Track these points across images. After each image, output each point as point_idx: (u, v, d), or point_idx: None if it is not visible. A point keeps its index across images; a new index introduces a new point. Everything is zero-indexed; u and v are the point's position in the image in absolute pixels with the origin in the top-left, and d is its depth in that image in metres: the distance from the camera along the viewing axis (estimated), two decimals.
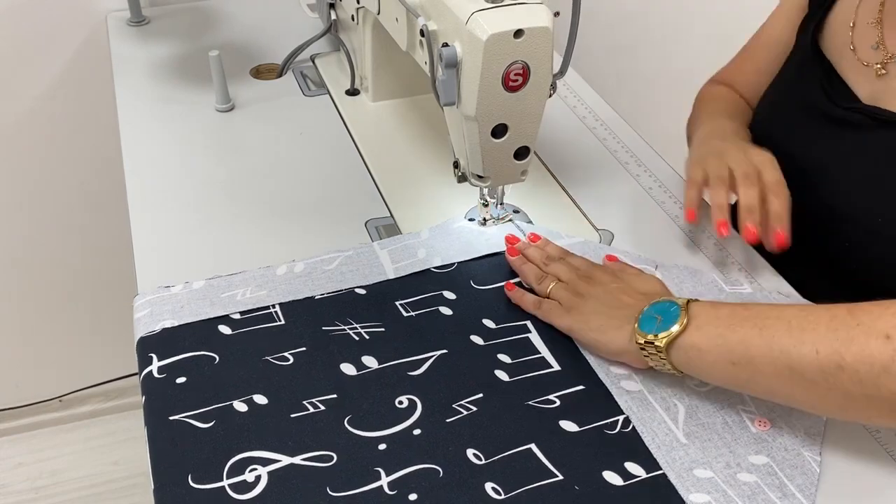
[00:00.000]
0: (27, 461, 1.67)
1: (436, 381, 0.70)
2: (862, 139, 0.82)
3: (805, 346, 0.61)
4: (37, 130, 1.41)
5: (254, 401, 0.68)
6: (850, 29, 0.87)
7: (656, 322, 0.68)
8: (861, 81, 0.85)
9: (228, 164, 0.98)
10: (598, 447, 0.65)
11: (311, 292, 0.78)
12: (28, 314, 1.62)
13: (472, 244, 0.86)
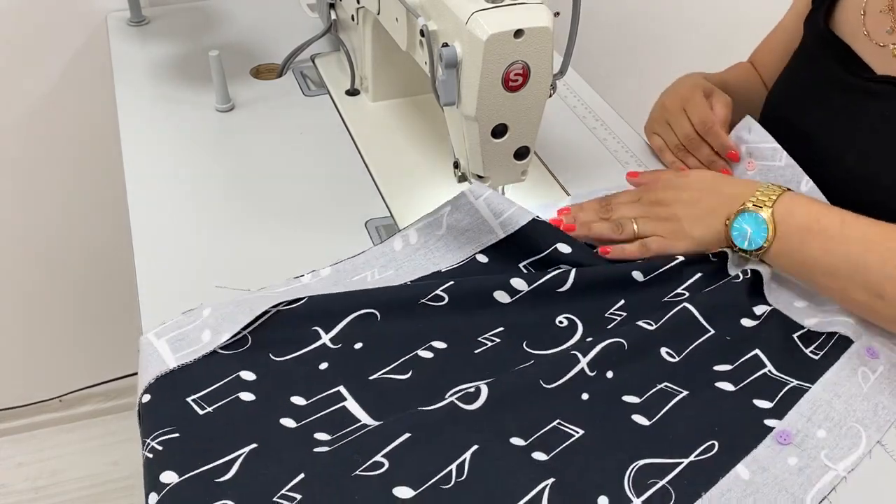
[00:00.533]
0: (27, 461, 1.67)
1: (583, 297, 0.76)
2: (886, 107, 0.84)
3: (858, 275, 0.72)
4: (37, 130, 1.41)
5: (434, 346, 0.72)
6: (862, 16, 0.88)
7: (747, 234, 0.78)
8: (877, 61, 0.86)
9: (228, 164, 0.98)
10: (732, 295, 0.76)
11: (435, 266, 0.80)
12: (28, 314, 1.62)
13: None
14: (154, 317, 0.76)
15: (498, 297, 0.75)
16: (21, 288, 1.58)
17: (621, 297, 0.77)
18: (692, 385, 0.69)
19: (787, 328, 0.75)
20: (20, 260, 1.54)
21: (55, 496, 1.61)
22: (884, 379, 0.70)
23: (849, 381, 0.70)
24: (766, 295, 0.78)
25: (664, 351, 0.72)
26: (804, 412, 0.67)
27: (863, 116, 0.86)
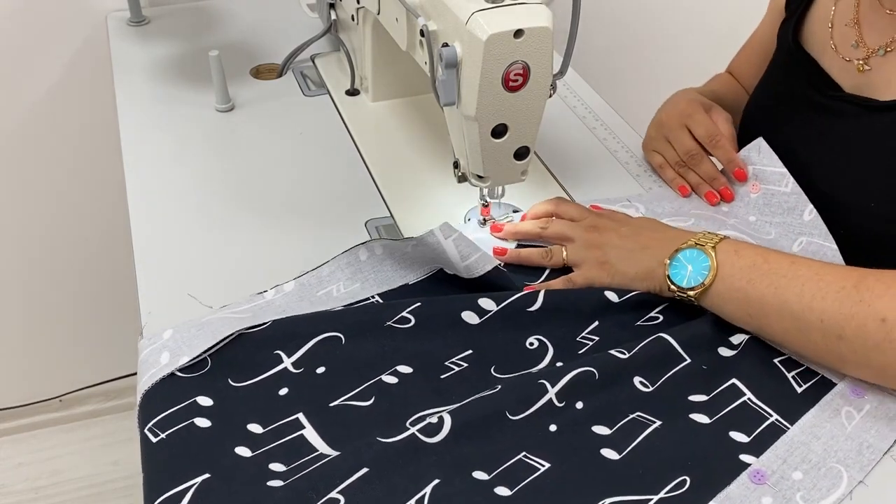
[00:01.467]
0: (27, 461, 1.67)
1: (554, 318, 0.74)
2: (850, 126, 0.84)
3: (812, 314, 0.68)
4: (37, 130, 1.41)
5: (399, 371, 0.69)
6: (829, 29, 0.88)
7: (686, 272, 0.74)
8: (844, 76, 0.86)
9: (228, 164, 0.98)
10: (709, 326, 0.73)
11: (403, 279, 0.79)
12: (28, 314, 1.62)
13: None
14: (154, 317, 0.76)
15: (466, 318, 0.73)
16: (21, 288, 1.58)
17: (594, 318, 0.75)
18: (665, 415, 0.67)
19: (766, 355, 0.72)
20: (20, 260, 1.54)
21: (55, 496, 1.61)
22: (870, 417, 0.67)
23: (830, 422, 0.66)
24: None
25: (637, 380, 0.69)
26: (780, 454, 0.64)
27: (828, 135, 0.86)
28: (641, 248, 0.78)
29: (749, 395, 0.69)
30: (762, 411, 0.67)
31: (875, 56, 0.84)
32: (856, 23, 0.86)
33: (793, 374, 0.71)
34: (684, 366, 0.70)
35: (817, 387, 0.69)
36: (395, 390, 0.68)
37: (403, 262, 0.80)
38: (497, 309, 0.73)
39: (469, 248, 0.78)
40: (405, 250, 0.80)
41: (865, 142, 0.82)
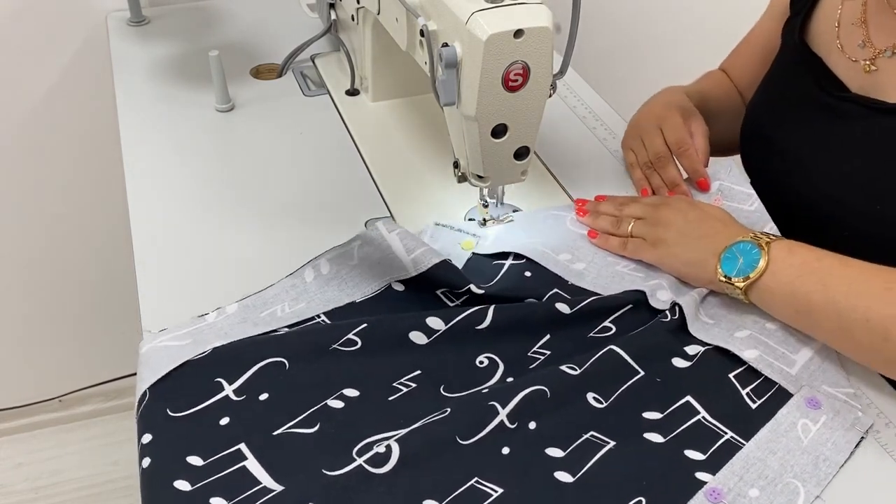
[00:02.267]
0: (27, 461, 1.67)
1: (505, 334, 0.73)
2: (857, 128, 0.83)
3: (858, 313, 0.68)
4: (37, 130, 1.41)
5: (345, 395, 0.67)
6: (836, 29, 0.88)
7: (738, 263, 0.74)
8: (850, 76, 0.86)
9: (228, 164, 0.98)
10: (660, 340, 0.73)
11: (349, 297, 0.77)
12: (28, 314, 1.62)
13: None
14: (154, 317, 0.76)
15: (414, 339, 0.72)
16: (21, 288, 1.58)
17: (546, 331, 0.74)
18: (620, 434, 0.65)
19: (722, 368, 0.71)
20: (20, 260, 1.54)
21: (55, 496, 1.61)
22: (826, 429, 0.66)
23: (786, 436, 0.65)
24: (694, 332, 0.74)
25: (591, 396, 0.68)
26: (736, 470, 0.63)
27: (835, 136, 0.85)
28: (700, 237, 0.78)
29: (703, 414, 0.67)
30: (717, 429, 0.66)
31: (882, 57, 0.83)
32: (863, 22, 0.85)
33: (747, 390, 0.69)
34: (638, 379, 0.70)
35: (772, 401, 0.68)
36: (340, 415, 0.66)
37: (350, 280, 0.79)
38: (445, 328, 0.72)
39: (414, 241, 0.78)
40: (351, 261, 0.79)
41: (872, 144, 0.82)
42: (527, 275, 0.81)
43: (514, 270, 0.81)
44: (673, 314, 0.74)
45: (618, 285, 0.79)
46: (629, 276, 0.80)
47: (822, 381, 0.70)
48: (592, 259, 0.83)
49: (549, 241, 0.85)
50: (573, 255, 0.84)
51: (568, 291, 0.79)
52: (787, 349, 0.72)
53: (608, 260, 0.83)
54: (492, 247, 0.84)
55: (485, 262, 0.83)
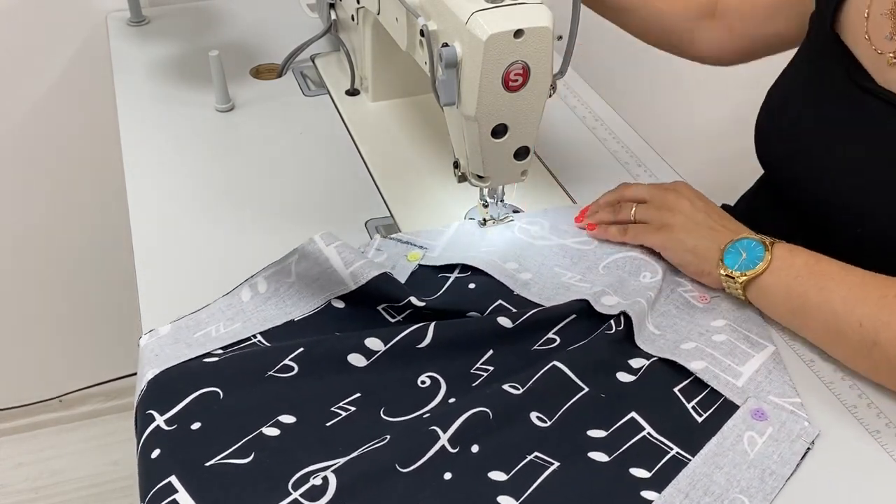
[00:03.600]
0: (27, 461, 1.67)
1: (446, 352, 0.71)
2: (881, 128, 0.82)
3: (852, 317, 0.69)
4: (37, 130, 1.41)
5: (281, 421, 0.65)
6: (865, 19, 0.87)
7: (741, 258, 0.75)
8: (876, 68, 0.84)
9: (228, 164, 0.98)
10: (604, 354, 0.72)
11: (287, 316, 0.75)
12: (28, 314, 1.62)
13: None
14: (154, 317, 0.76)
15: (353, 361, 0.69)
16: (21, 288, 1.58)
17: (489, 347, 0.72)
18: (564, 455, 0.64)
19: (667, 381, 0.70)
20: (20, 260, 1.54)
21: (55, 496, 1.61)
22: (773, 442, 0.65)
23: (733, 449, 0.64)
24: (640, 343, 0.72)
25: (534, 416, 0.66)
26: (682, 488, 0.62)
27: (856, 131, 0.84)
28: (708, 227, 0.79)
29: (649, 430, 0.66)
30: (663, 445, 0.65)
31: None
32: (892, 14, 0.83)
33: (693, 403, 0.68)
34: (582, 396, 0.68)
35: (718, 414, 0.67)
36: (276, 444, 0.63)
37: (289, 297, 0.77)
38: (385, 348, 0.70)
39: (352, 254, 0.77)
40: (289, 278, 0.77)
41: (893, 144, 0.81)
42: (471, 286, 0.79)
43: (459, 283, 0.80)
44: (618, 324, 0.73)
45: (563, 297, 0.77)
46: (575, 288, 0.79)
47: (769, 391, 0.69)
48: (539, 270, 0.81)
49: (498, 248, 0.84)
50: (520, 264, 0.82)
51: (512, 303, 0.77)
52: (733, 361, 0.72)
53: (555, 271, 0.81)
54: (439, 258, 0.82)
55: (430, 274, 0.81)
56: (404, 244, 0.84)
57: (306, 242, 0.77)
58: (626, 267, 0.81)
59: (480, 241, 0.85)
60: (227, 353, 0.70)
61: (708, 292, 0.79)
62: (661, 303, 0.78)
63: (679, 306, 0.78)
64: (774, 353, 0.73)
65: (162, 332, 0.73)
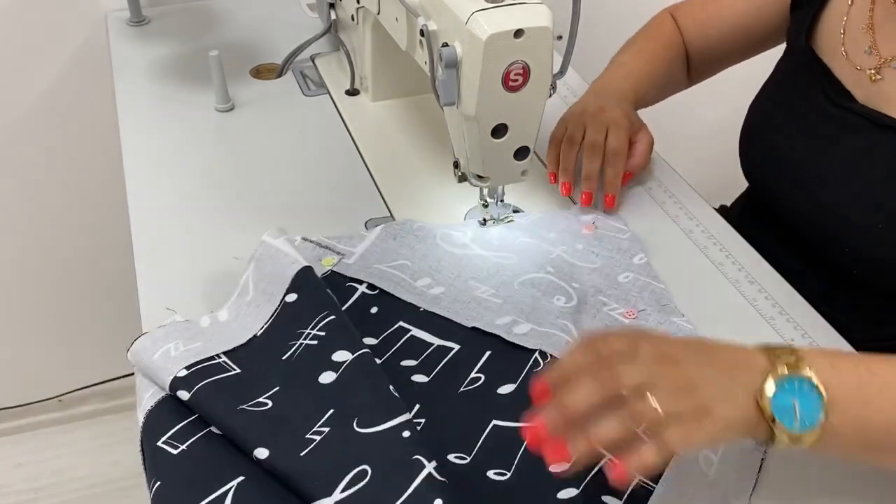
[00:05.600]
0: (27, 461, 1.67)
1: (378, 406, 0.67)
2: (860, 143, 0.82)
3: None
4: (37, 130, 1.41)
5: (257, 456, 0.62)
6: (842, 34, 0.86)
7: (794, 409, 0.54)
8: (855, 84, 0.84)
9: (228, 164, 0.98)
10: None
11: (250, 332, 0.72)
12: (28, 314, 1.62)
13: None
14: (154, 317, 0.76)
15: (323, 380, 0.67)
16: (21, 288, 1.58)
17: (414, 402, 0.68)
18: (535, 498, 0.62)
19: None
20: (20, 260, 1.54)
21: (55, 496, 1.61)
22: (726, 460, 0.63)
23: (691, 473, 0.62)
24: None
25: (492, 473, 0.63)
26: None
27: (838, 149, 0.84)
28: (723, 373, 0.56)
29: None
30: None
31: (888, 67, 0.81)
32: (870, 28, 0.83)
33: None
34: None
35: None
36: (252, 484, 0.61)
37: (249, 315, 0.74)
38: (352, 357, 0.67)
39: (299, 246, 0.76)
40: (247, 296, 0.75)
41: (875, 159, 0.80)
42: (373, 311, 0.77)
43: (362, 302, 0.78)
44: (545, 358, 0.71)
45: (473, 311, 0.76)
46: (486, 303, 0.77)
47: None
48: (452, 283, 0.80)
49: (414, 264, 0.82)
50: (433, 277, 0.80)
51: (418, 318, 0.76)
52: None
53: (469, 284, 0.80)
54: (353, 266, 0.81)
55: (340, 282, 0.79)
56: (322, 248, 0.83)
57: (257, 247, 0.77)
58: (541, 286, 0.79)
59: (399, 248, 0.83)
60: (197, 385, 0.66)
61: (635, 306, 0.77)
62: (589, 322, 0.76)
63: (608, 324, 0.76)
64: None
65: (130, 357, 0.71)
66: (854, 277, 0.84)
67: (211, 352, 0.70)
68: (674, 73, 1.06)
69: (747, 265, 0.84)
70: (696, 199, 0.93)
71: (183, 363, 0.68)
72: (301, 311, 0.72)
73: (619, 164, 0.89)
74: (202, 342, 0.71)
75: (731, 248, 0.86)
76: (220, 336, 0.72)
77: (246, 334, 0.72)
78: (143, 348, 0.70)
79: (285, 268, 0.75)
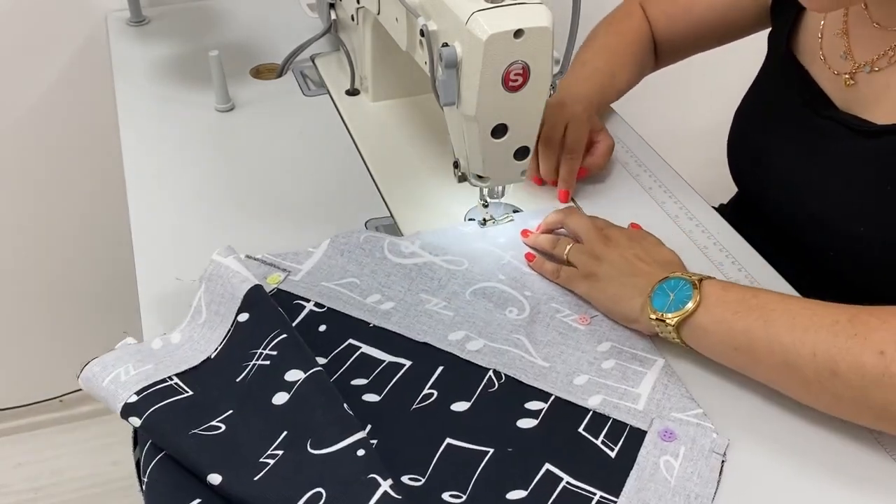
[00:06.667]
0: (27, 461, 1.67)
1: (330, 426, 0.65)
2: (842, 148, 0.83)
3: (805, 347, 0.63)
4: (37, 130, 1.41)
5: (209, 482, 0.60)
6: (819, 39, 0.87)
7: (669, 299, 0.70)
8: (833, 89, 0.85)
9: (228, 164, 0.98)
10: (495, 407, 0.68)
11: (203, 354, 0.70)
12: (28, 314, 1.62)
13: None
14: (154, 317, 0.76)
15: (277, 401, 0.65)
16: (21, 288, 1.58)
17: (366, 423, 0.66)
18: None
19: (571, 421, 0.67)
20: (20, 259, 1.54)
21: (55, 496, 1.61)
22: (688, 462, 0.63)
23: (653, 480, 0.62)
24: (532, 382, 0.70)
25: (447, 496, 0.62)
26: None
27: (820, 155, 0.84)
28: (632, 275, 0.75)
29: (567, 479, 0.63)
30: (585, 492, 0.62)
31: (861, 72, 0.82)
32: (845, 33, 0.84)
33: (601, 438, 0.66)
34: (489, 459, 0.64)
35: (629, 443, 0.65)
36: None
37: (202, 337, 0.72)
38: (305, 376, 0.65)
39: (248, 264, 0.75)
40: (200, 318, 0.73)
41: (856, 165, 0.81)
42: (321, 329, 0.75)
43: (310, 320, 0.76)
44: (499, 378, 0.70)
45: (425, 325, 0.75)
46: (437, 316, 0.76)
47: (671, 408, 0.68)
48: (403, 297, 0.78)
49: (363, 282, 0.80)
50: (383, 293, 0.78)
51: (368, 335, 0.74)
52: (628, 385, 0.70)
53: (420, 297, 0.78)
54: (299, 285, 0.79)
55: (286, 301, 0.77)
56: (267, 265, 0.81)
57: (205, 268, 0.74)
58: (493, 297, 0.78)
59: (347, 264, 0.81)
60: (148, 410, 0.64)
61: (588, 312, 0.77)
62: (543, 332, 0.75)
63: (562, 332, 0.75)
64: (665, 365, 0.72)
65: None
66: (841, 282, 0.84)
67: (162, 374, 0.67)
68: (640, 67, 1.06)
69: (747, 265, 0.84)
70: (696, 199, 0.93)
71: (133, 388, 0.65)
72: (253, 330, 0.70)
73: (575, 160, 0.91)
74: (153, 364, 0.68)
75: (731, 248, 0.86)
76: (171, 358, 0.70)
77: (199, 356, 0.70)
78: (92, 374, 0.67)
79: (236, 287, 0.72)
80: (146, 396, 0.65)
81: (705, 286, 0.70)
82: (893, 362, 0.60)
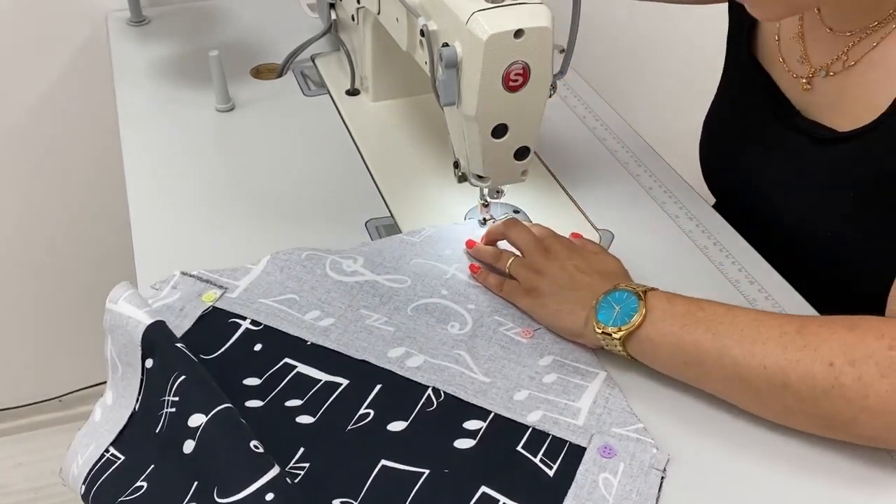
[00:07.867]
0: (27, 461, 1.67)
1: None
2: (807, 155, 0.83)
3: (754, 359, 0.63)
4: (37, 130, 1.41)
5: None
6: (777, 42, 0.87)
7: (614, 312, 0.69)
8: (794, 93, 0.86)
9: (228, 164, 0.98)
10: (433, 426, 0.67)
11: (128, 410, 0.68)
12: (28, 314, 1.62)
13: None
14: None
15: (186, 450, 0.62)
16: (21, 288, 1.58)
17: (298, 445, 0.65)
18: None
19: (509, 440, 0.65)
20: (20, 260, 1.54)
21: (55, 496, 1.61)
22: (627, 479, 0.62)
23: (590, 498, 0.61)
24: (471, 399, 0.68)
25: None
26: None
27: (786, 161, 0.85)
28: (573, 288, 0.73)
29: (504, 501, 0.61)
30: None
31: (817, 77, 0.83)
32: (801, 36, 0.84)
33: (539, 456, 0.64)
34: (423, 481, 0.62)
35: (568, 460, 0.64)
36: None
37: (125, 391, 0.69)
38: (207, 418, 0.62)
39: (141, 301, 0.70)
40: (117, 373, 0.70)
41: (821, 171, 0.82)
42: (256, 349, 0.73)
43: (246, 339, 0.73)
44: (438, 397, 0.69)
45: (364, 341, 0.73)
46: (377, 332, 0.74)
47: (611, 423, 0.67)
48: (343, 313, 0.76)
49: (302, 298, 0.78)
50: (323, 310, 0.76)
51: (305, 353, 0.72)
52: (568, 399, 0.69)
53: (360, 313, 0.76)
54: (236, 303, 0.76)
55: (221, 319, 0.75)
56: (203, 282, 0.79)
57: (105, 322, 0.71)
58: (435, 312, 0.77)
59: (286, 281, 0.79)
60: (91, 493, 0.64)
61: (531, 325, 0.76)
62: (485, 346, 0.74)
63: (504, 345, 0.74)
64: (606, 378, 0.71)
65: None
66: (820, 285, 0.84)
67: (101, 449, 0.67)
68: None
69: (747, 265, 0.84)
70: (696, 199, 0.93)
71: (81, 477, 0.66)
72: (158, 376, 0.67)
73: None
74: (94, 443, 0.68)
75: (730, 248, 0.86)
76: (107, 425, 0.69)
77: (125, 413, 0.68)
78: (66, 465, 0.69)
79: (133, 333, 0.68)
80: (90, 480, 0.65)
81: (650, 298, 0.69)
82: (842, 373, 0.60)
